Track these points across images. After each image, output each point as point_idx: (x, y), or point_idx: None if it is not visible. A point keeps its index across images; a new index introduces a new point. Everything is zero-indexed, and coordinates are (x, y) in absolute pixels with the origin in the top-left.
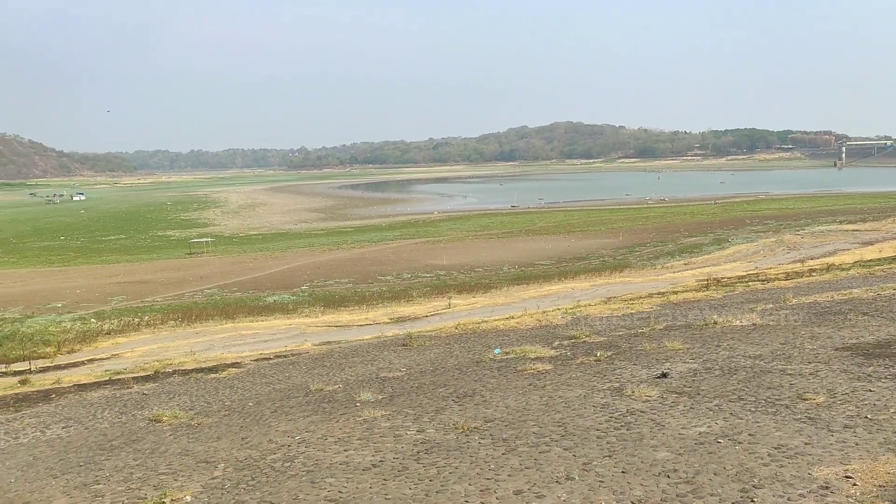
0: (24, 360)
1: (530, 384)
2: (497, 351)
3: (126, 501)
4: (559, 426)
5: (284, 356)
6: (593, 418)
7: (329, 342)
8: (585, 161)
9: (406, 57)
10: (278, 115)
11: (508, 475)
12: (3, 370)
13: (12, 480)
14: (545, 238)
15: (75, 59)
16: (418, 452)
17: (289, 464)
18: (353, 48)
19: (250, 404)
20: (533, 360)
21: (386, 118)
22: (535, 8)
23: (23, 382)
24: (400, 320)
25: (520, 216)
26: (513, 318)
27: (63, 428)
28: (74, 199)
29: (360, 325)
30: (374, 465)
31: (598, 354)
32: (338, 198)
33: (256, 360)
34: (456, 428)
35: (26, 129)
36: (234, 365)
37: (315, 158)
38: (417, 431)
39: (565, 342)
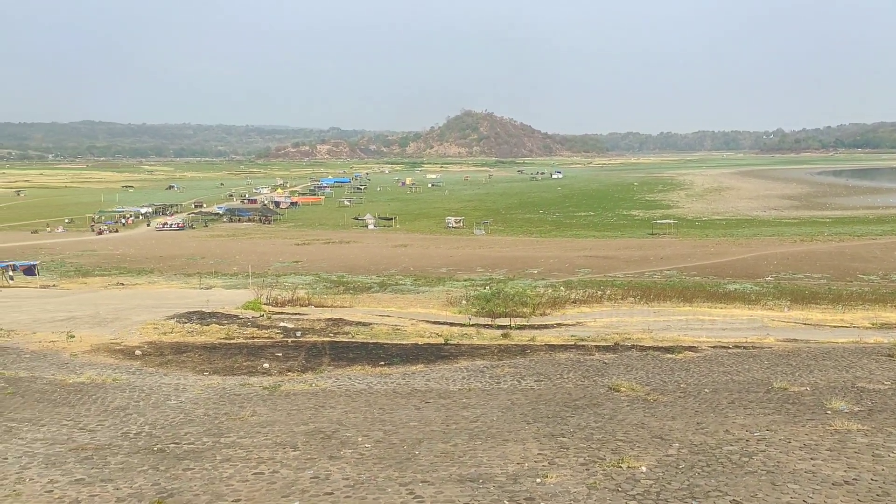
0: (505, 317)
1: None
2: None
3: (587, 458)
4: None
5: (744, 347)
6: None
7: (796, 340)
8: None
9: None
10: (752, 95)
11: None
12: (490, 323)
13: (494, 419)
14: None
15: (559, 48)
16: None
17: (747, 459)
18: (846, 17)
19: (706, 390)
20: None
21: (882, 93)
22: None
23: (504, 336)
24: (885, 327)
25: None
26: None
27: (535, 381)
28: (553, 176)
29: (834, 327)
30: (845, 482)
31: None
32: (815, 184)
33: (714, 347)
34: None
35: (519, 113)
36: (690, 348)
37: (792, 141)
38: None
39: None
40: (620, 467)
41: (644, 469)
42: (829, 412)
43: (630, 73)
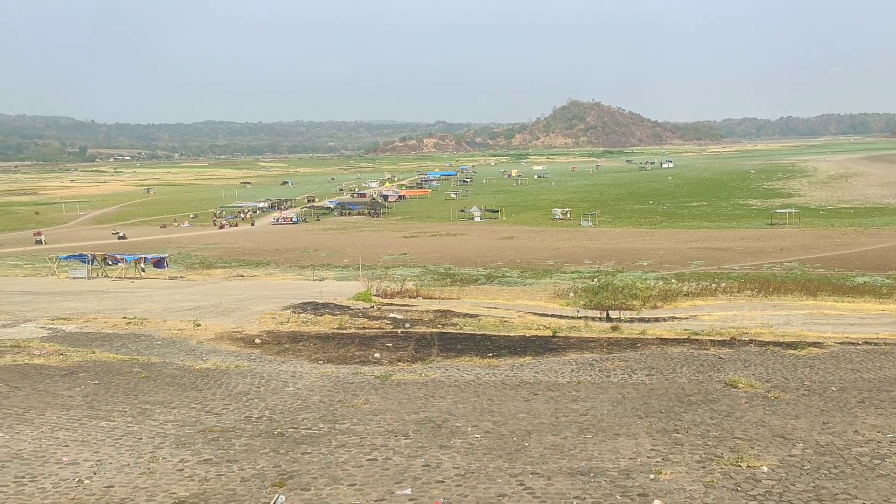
0: (614, 310)
1: None
2: None
3: (703, 456)
4: None
5: (875, 344)
6: None
7: None
8: None
9: None
10: (882, 73)
11: None
12: (598, 316)
13: (605, 412)
14: None
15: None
16: None
17: (878, 461)
18: None
19: (833, 388)
20: None
21: None
22: None
23: (614, 329)
24: None
25: None
26: None
27: (646, 375)
28: (663, 166)
29: None
30: None
31: None
32: None
33: (841, 343)
34: None
35: (627, 102)
36: (814, 344)
37: None
38: None
39: None
40: (739, 466)
41: (765, 469)
42: None
43: (745, 54)
